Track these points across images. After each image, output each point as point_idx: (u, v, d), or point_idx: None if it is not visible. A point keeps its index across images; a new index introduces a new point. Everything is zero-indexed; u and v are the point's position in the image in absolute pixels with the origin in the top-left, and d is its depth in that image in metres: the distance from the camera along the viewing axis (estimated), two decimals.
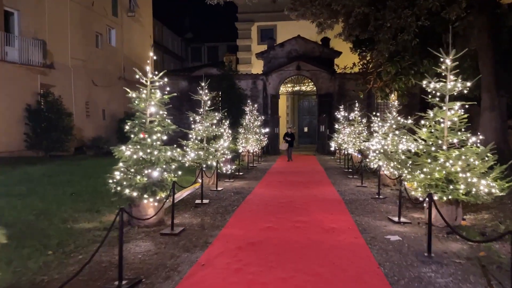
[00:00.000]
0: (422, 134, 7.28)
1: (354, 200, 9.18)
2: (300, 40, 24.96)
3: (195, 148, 11.66)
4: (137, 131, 6.85)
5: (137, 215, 6.79)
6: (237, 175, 13.78)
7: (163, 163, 6.82)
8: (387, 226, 6.94)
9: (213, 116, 11.98)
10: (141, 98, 6.98)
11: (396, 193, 10.17)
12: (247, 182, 12.13)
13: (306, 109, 29.76)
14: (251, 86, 25.23)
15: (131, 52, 22.74)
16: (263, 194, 10.04)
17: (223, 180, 12.42)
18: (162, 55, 36.13)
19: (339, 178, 13.12)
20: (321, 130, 24.00)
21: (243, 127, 18.37)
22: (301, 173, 14.42)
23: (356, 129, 17.67)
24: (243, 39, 30.34)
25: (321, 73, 24.55)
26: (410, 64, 11.75)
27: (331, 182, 12.18)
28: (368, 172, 13.79)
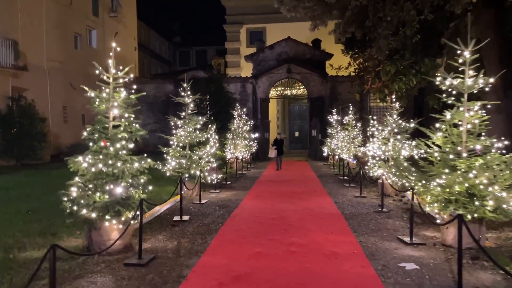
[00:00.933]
0: (436, 139, 6.15)
1: (355, 215, 8.01)
2: (291, 42, 23.90)
3: (176, 156, 10.42)
4: (97, 138, 5.60)
5: (98, 240, 5.54)
6: (224, 184, 12.55)
7: (128, 177, 5.57)
8: (399, 249, 5.77)
9: (197, 120, 10.75)
10: (102, 98, 5.73)
11: (400, 205, 9.05)
12: (234, 193, 10.91)
13: (297, 113, 28.67)
14: (240, 89, 24.06)
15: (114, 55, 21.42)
16: (252, 207, 8.82)
17: (208, 191, 11.18)
18: (149, 59, 34.84)
19: (335, 187, 11.96)
20: (313, 134, 22.91)
21: (231, 132, 17.15)
22: (294, 181, 13.23)
23: (351, 134, 16.57)
24: (232, 41, 29.21)
25: (312, 76, 23.49)
26: (410, 63, 10.70)
27: (326, 192, 11.01)
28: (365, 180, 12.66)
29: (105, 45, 20.52)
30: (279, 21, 28.61)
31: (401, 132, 10.23)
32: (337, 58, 25.23)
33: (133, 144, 5.89)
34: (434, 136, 6.17)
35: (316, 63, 23.68)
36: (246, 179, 14.08)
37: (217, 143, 14.07)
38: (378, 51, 10.15)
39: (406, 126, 10.12)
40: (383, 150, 10.31)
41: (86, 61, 19.25)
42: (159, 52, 37.99)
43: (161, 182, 11.47)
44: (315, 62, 23.70)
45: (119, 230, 5.47)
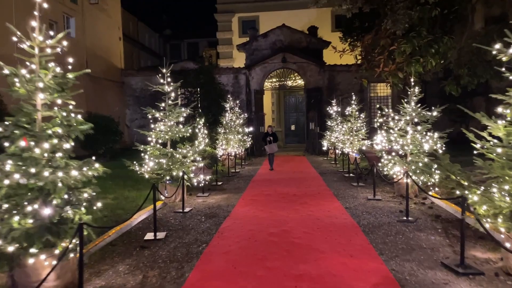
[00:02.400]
0: (497, 129, 4.40)
1: (375, 226, 6.27)
2: (285, 29, 22.05)
3: (155, 155, 8.63)
4: (17, 136, 3.78)
5: (24, 281, 3.77)
6: (214, 186, 10.77)
7: (63, 191, 3.77)
8: (451, 284, 4.04)
9: (179, 112, 8.94)
10: (22, 77, 3.90)
11: (425, 211, 7.32)
12: (225, 197, 9.14)
13: (293, 105, 26.88)
14: (232, 81, 22.21)
15: (96, 45, 19.45)
16: (245, 217, 7.06)
17: (195, 195, 9.41)
18: (138, 52, 32.80)
19: (342, 186, 10.23)
20: (311, 128, 21.16)
21: (223, 126, 15.36)
22: (293, 180, 11.48)
23: (354, 126, 14.83)
24: (223, 31, 27.28)
25: (309, 66, 21.68)
26: (429, 41, 8.95)
27: (333, 193, 9.26)
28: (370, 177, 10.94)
29: (85, 34, 18.57)
30: (272, 9, 26.77)
31: (421, 122, 8.51)
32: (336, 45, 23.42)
33: (71, 143, 4.09)
34: (493, 126, 4.41)
35: (313, 52, 21.86)
36: (239, 178, 12.30)
37: (206, 139, 12.29)
38: (394, 24, 8.38)
39: (427, 115, 8.39)
40: (401, 143, 8.56)
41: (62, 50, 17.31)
42: (149, 45, 35.92)
43: (141, 185, 9.71)
44: (311, 51, 21.88)
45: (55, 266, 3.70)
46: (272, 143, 14.01)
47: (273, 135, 14.21)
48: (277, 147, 14.27)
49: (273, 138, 14.13)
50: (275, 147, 14.12)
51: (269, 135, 14.26)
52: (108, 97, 20.44)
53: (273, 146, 14.00)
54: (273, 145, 14.04)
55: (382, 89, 22.74)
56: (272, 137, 14.12)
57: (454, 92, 10.58)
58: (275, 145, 14.14)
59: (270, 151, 14.16)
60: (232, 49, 26.59)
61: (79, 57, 18.24)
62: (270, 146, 14.05)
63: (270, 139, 14.10)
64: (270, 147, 14.09)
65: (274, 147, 14.05)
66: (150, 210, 7.60)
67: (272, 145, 14.02)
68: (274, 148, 14.09)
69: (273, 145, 14.05)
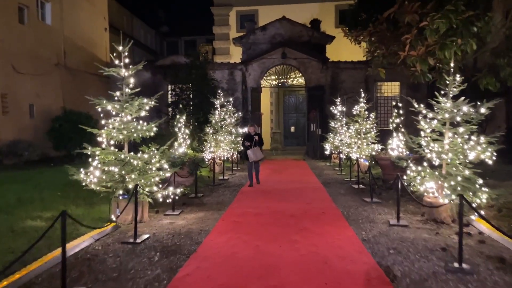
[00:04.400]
0: None
1: (415, 282, 3.91)
2: (286, 22, 19.73)
3: (109, 161, 6.30)
4: None
5: None
6: (193, 198, 8.43)
7: None
8: None
9: (141, 104, 6.63)
10: None
11: (475, 246, 4.96)
12: (201, 216, 6.80)
13: (293, 105, 24.55)
14: (227, 77, 19.89)
15: (76, 35, 17.13)
16: (218, 256, 4.71)
17: (163, 212, 7.07)
18: (133, 48, 30.55)
19: (352, 202, 7.87)
20: (312, 129, 18.81)
21: (212, 125, 13.02)
22: (292, 192, 9.14)
23: (362, 127, 12.48)
24: (220, 26, 24.97)
25: (311, 62, 19.36)
26: (470, 17, 6.63)
27: (341, 213, 6.92)
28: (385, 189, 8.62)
29: (63, 22, 16.27)
30: (273, 2, 24.45)
31: (462, 123, 6.16)
32: (338, 43, 21.14)
33: None
34: None
35: (315, 47, 19.53)
36: (226, 188, 9.95)
37: (187, 140, 9.96)
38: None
39: (471, 112, 6.05)
40: (436, 150, 6.22)
41: (37, 39, 15.04)
42: (144, 41, 33.64)
43: (97, 198, 7.36)
44: (314, 46, 19.55)
45: None
46: (257, 147, 10.34)
47: (257, 137, 10.44)
48: (262, 154, 10.51)
49: (258, 140, 10.39)
50: (260, 153, 10.39)
51: (251, 137, 10.40)
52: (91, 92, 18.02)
53: (257, 152, 10.30)
54: (257, 150, 10.33)
55: (389, 89, 20.42)
56: (257, 139, 10.39)
57: (492, 87, 8.26)
58: (260, 150, 10.43)
59: (255, 158, 10.27)
60: (229, 44, 24.30)
61: (55, 47, 15.96)
62: (253, 151, 10.24)
63: (255, 140, 10.31)
64: (253, 153, 10.24)
65: (259, 153, 10.34)
66: (89, 239, 5.27)
67: (255, 149, 10.27)
68: (259, 155, 10.32)
69: (257, 150, 10.33)
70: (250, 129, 10.66)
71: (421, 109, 6.37)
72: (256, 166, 10.49)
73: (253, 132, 10.52)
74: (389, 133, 13.83)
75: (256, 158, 10.32)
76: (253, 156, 10.27)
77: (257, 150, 10.35)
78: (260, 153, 10.38)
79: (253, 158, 10.28)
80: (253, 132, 10.54)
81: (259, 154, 10.37)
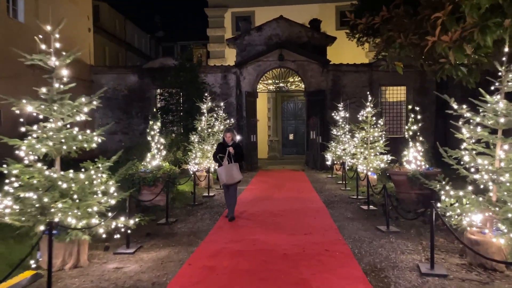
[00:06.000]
0: None
1: None
2: (283, 22, 18.00)
3: (26, 184, 4.48)
4: None
5: None
6: (163, 225, 6.59)
7: None
8: None
9: (79, 104, 4.83)
10: None
11: None
12: (163, 257, 4.95)
13: (291, 112, 22.75)
14: (220, 81, 18.14)
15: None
16: None
17: (115, 248, 5.22)
18: (125, 52, 28.91)
19: (363, 232, 6.01)
20: (312, 137, 16.99)
21: (198, 133, 11.20)
22: (286, 217, 7.30)
23: (370, 135, 10.67)
24: (215, 28, 23.28)
25: (310, 65, 17.59)
26: None
27: (351, 251, 5.07)
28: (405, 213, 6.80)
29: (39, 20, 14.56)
30: (270, 3, 22.75)
31: None
32: (339, 46, 19.43)
33: None
34: None
35: (315, 49, 17.76)
36: (207, 209, 8.07)
37: (162, 150, 8.13)
38: None
39: None
40: (486, 168, 4.40)
41: (6, 37, 13.31)
42: (138, 46, 31.99)
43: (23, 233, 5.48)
44: (313, 47, 17.78)
45: None
46: (232, 163, 6.90)
47: (235, 149, 7.02)
48: (240, 173, 7.00)
49: (234, 153, 6.96)
50: (237, 171, 6.92)
51: (222, 149, 7.04)
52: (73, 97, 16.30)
53: (232, 170, 6.83)
54: (232, 168, 6.85)
55: (394, 94, 18.65)
56: (233, 152, 6.95)
57: None
58: (237, 168, 6.94)
59: (228, 181, 6.81)
60: (224, 48, 22.57)
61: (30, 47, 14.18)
62: (226, 169, 6.82)
63: (228, 151, 6.91)
64: (226, 172, 6.80)
65: (235, 172, 6.87)
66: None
67: (229, 167, 6.84)
68: (235, 176, 6.86)
69: (232, 167, 6.86)
70: (227, 135, 7.17)
71: (463, 112, 4.56)
72: (231, 191, 6.95)
73: (230, 141, 7.09)
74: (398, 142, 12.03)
75: (228, 181, 6.77)
76: (224, 176, 6.77)
77: (232, 168, 6.82)
78: (237, 172, 6.89)
79: (224, 180, 6.81)
80: (230, 141, 7.10)
81: (236, 174, 6.83)
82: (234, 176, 6.86)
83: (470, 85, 6.14)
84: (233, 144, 7.08)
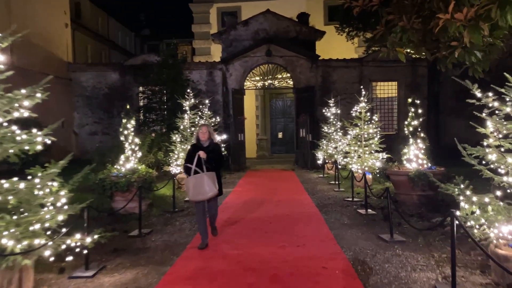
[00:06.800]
0: None
1: None
2: (270, 16, 17.17)
3: None
4: None
5: None
6: (135, 237, 5.68)
7: None
8: None
9: (14, 97, 3.88)
10: None
11: None
12: (127, 281, 4.05)
13: (280, 109, 21.93)
14: (206, 78, 17.21)
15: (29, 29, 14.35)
16: None
17: (72, 270, 4.29)
18: (108, 51, 27.74)
19: (364, 243, 5.19)
20: (301, 135, 16.19)
21: (180, 132, 10.27)
22: (276, 224, 6.46)
23: (364, 132, 9.89)
24: (200, 24, 22.33)
25: (299, 60, 16.80)
26: None
27: (354, 268, 4.24)
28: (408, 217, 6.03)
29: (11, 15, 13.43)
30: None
31: None
32: (328, 41, 18.66)
33: None
34: None
35: (304, 43, 16.98)
36: (188, 216, 7.13)
37: (137, 152, 7.21)
38: None
39: None
40: None
41: None
42: (123, 44, 30.79)
43: None
44: (302, 42, 16.99)
45: None
46: (203, 173, 4.96)
47: (210, 152, 5.12)
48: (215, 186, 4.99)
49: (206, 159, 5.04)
50: (211, 183, 4.94)
51: (191, 155, 5.17)
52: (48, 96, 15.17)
53: (202, 182, 4.91)
54: (204, 179, 4.92)
55: (385, 89, 17.97)
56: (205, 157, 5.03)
57: None
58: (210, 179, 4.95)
59: (195, 196, 4.99)
60: (209, 44, 21.63)
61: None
62: (196, 180, 4.94)
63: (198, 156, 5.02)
64: (194, 184, 4.93)
65: (208, 184, 4.91)
66: None
67: (201, 178, 4.94)
68: (207, 189, 4.91)
69: (204, 178, 4.92)
70: (201, 132, 5.26)
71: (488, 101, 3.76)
72: (210, 207, 5.28)
73: (205, 140, 5.21)
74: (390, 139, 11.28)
75: (194, 196, 4.95)
76: (191, 190, 4.91)
77: (203, 179, 4.88)
78: (211, 185, 4.91)
79: (191, 196, 4.98)
80: (206, 138, 5.21)
81: (208, 188, 4.88)
82: (205, 190, 4.85)
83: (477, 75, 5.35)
84: (209, 146, 5.18)
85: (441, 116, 17.42)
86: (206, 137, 5.27)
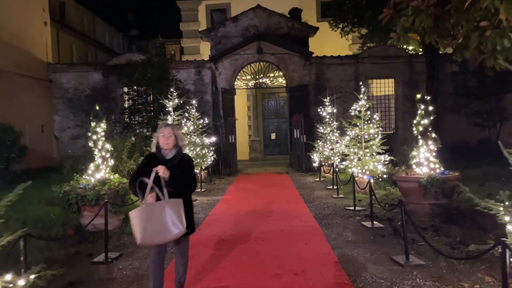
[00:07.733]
0: None
1: None
2: (261, 11, 16.23)
3: None
4: None
5: None
6: (100, 264, 4.68)
7: None
8: None
9: None
10: None
11: None
12: None
13: (273, 110, 20.99)
14: (194, 77, 16.21)
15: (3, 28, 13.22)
16: None
17: None
18: (95, 51, 26.62)
19: (376, 268, 4.24)
20: (295, 136, 15.27)
21: None
22: (268, 243, 5.51)
23: (365, 133, 8.97)
24: (188, 22, 21.32)
25: (292, 58, 15.88)
26: None
27: None
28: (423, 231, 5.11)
29: None
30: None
31: None
32: (321, 38, 17.78)
33: None
34: None
35: (296, 40, 16.06)
36: None
37: (109, 160, 6.21)
38: None
39: None
40: None
41: None
42: (110, 44, 29.62)
43: None
44: (294, 39, 16.07)
45: None
46: (164, 200, 3.06)
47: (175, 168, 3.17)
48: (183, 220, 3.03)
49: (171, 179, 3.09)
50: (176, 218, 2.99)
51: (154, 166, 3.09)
52: (25, 99, 14.10)
53: (162, 215, 2.98)
54: (165, 210, 3.00)
55: (381, 87, 17.11)
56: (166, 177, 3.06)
57: None
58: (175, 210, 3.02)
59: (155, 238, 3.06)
60: (198, 43, 20.63)
61: None
62: (150, 212, 3.00)
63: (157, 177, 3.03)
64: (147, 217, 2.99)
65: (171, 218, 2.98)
66: None
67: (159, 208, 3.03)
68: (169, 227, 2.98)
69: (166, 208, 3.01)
70: (163, 135, 3.31)
71: None
72: (178, 252, 3.50)
73: (169, 148, 3.33)
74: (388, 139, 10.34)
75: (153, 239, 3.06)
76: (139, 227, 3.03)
77: (163, 210, 3.01)
78: (176, 220, 3.01)
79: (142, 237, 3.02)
80: (170, 146, 3.32)
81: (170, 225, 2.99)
82: (166, 228, 3.00)
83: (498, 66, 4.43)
84: (174, 158, 3.32)
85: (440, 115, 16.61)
86: (170, 145, 3.31)
